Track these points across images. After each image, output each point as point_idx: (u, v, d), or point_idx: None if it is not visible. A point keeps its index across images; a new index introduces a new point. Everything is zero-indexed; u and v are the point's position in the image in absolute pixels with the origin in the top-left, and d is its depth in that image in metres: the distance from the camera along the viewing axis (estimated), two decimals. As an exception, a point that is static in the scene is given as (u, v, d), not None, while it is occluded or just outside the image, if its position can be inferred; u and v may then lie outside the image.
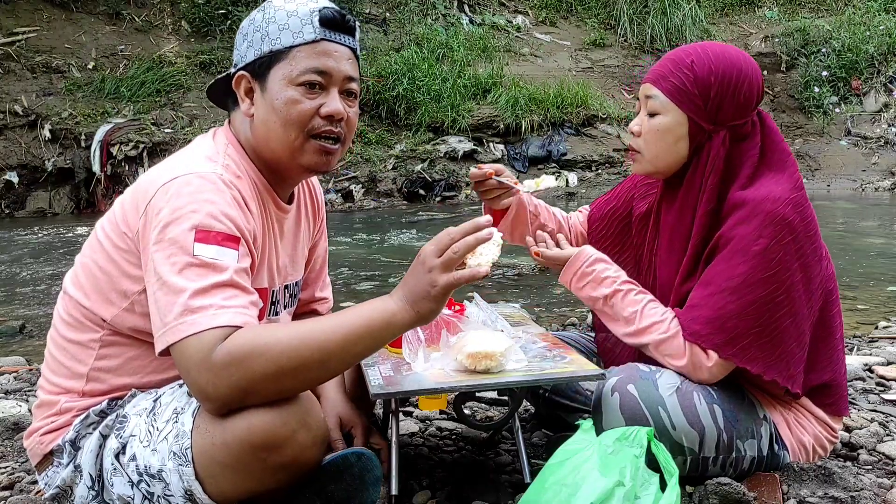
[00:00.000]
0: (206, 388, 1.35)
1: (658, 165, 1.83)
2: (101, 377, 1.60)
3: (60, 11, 10.68)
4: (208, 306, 1.36)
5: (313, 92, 1.57)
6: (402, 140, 10.19)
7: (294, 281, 1.83)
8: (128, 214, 1.54)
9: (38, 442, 1.63)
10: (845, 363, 1.89)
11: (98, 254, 1.58)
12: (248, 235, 1.51)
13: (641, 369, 1.74)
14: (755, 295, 1.67)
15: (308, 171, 1.66)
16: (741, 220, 1.70)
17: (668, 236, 1.86)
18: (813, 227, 1.74)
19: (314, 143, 1.59)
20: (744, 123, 1.78)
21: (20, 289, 5.46)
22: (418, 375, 1.65)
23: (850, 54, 11.77)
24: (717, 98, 1.75)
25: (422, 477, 1.92)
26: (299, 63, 1.56)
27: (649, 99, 1.81)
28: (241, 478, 1.40)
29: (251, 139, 1.63)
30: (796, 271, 1.69)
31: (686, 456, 1.69)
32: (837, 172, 10.96)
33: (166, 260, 1.40)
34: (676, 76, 1.77)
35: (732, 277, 1.68)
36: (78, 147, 9.22)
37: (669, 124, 1.78)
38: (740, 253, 1.69)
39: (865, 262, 5.98)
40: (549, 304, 4.59)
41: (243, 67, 1.60)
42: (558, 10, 13.25)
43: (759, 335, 1.69)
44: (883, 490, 1.76)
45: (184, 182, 1.47)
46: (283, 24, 1.57)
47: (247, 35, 1.61)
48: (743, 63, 1.78)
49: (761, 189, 1.72)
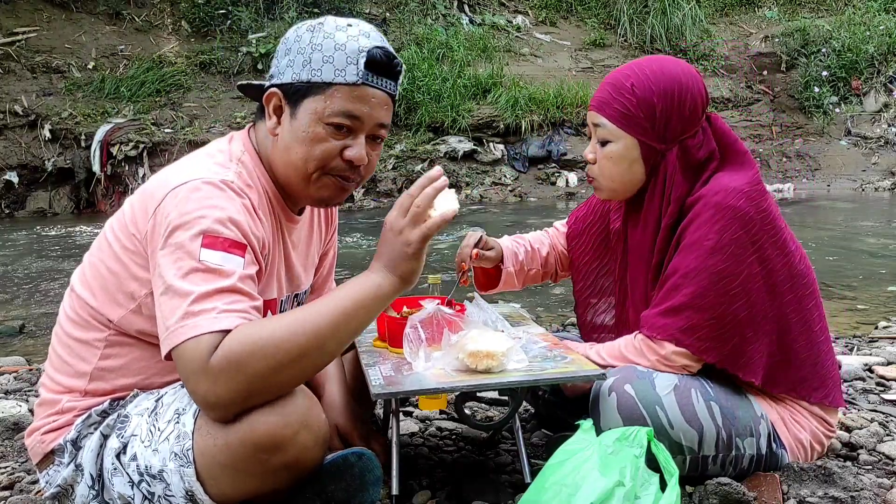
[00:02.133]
0: (207, 396, 1.34)
1: (617, 190, 1.87)
2: (104, 376, 1.59)
3: (60, 11, 10.68)
4: (210, 309, 1.35)
5: (341, 133, 1.55)
6: (402, 140, 10.19)
7: (304, 290, 1.83)
8: (137, 216, 1.53)
9: (40, 441, 1.62)
10: (833, 354, 1.90)
11: (106, 254, 1.58)
12: (256, 243, 1.50)
13: (639, 369, 1.75)
14: (708, 287, 1.71)
15: (318, 203, 1.66)
16: (695, 215, 1.74)
17: (635, 253, 1.89)
18: (771, 221, 1.75)
19: (330, 179, 1.59)
20: (694, 133, 1.80)
21: (20, 289, 5.46)
22: (419, 375, 1.65)
23: (850, 54, 11.77)
24: (664, 117, 1.77)
25: (422, 477, 1.92)
26: (335, 103, 1.53)
27: (597, 127, 1.83)
28: (243, 478, 1.41)
29: (270, 155, 1.62)
30: (752, 263, 1.72)
31: (685, 455, 1.70)
32: (837, 172, 10.96)
33: (172, 264, 1.40)
34: (619, 101, 1.78)
35: (687, 273, 1.72)
36: (78, 147, 9.23)
37: (621, 151, 1.80)
38: (695, 247, 1.72)
39: (865, 262, 5.99)
40: (549, 305, 4.60)
41: (278, 85, 1.58)
42: (558, 10, 13.25)
43: (713, 326, 1.72)
44: (883, 490, 1.76)
45: (193, 187, 1.46)
46: (328, 56, 1.53)
47: (289, 51, 1.57)
48: (682, 76, 1.79)
49: (714, 185, 1.76)
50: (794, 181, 10.68)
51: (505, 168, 10.37)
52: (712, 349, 1.73)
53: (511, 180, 10.23)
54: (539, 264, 2.18)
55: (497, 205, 9.60)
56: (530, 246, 2.18)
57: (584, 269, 2.11)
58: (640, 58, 1.93)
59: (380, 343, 1.87)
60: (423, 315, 1.74)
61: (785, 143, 11.42)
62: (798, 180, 10.79)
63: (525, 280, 2.18)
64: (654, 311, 1.77)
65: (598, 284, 2.08)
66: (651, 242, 1.83)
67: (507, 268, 2.11)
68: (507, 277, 2.12)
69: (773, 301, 1.76)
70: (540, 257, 2.18)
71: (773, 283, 1.75)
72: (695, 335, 1.72)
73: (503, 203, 9.73)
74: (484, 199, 9.82)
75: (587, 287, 2.10)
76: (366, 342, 1.91)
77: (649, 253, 1.84)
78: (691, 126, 1.79)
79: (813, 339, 1.83)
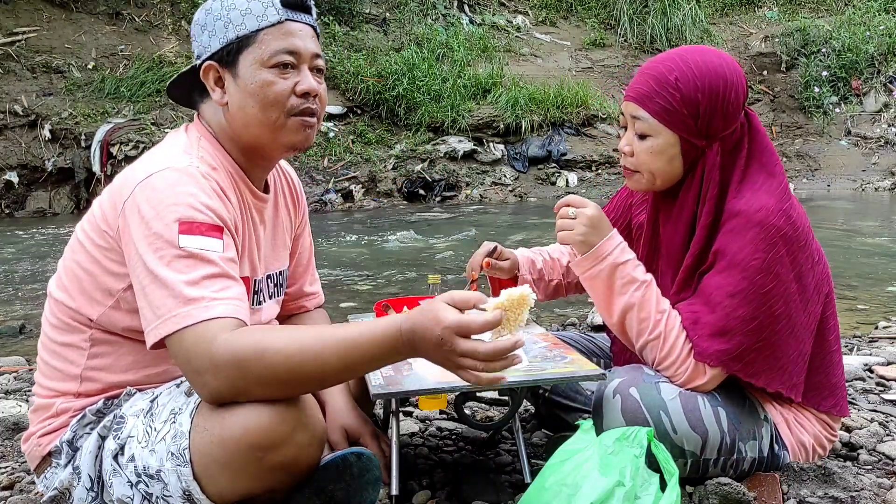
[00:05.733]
0: (206, 382, 1.35)
1: (656, 182, 1.81)
2: (95, 376, 1.60)
3: (60, 11, 10.68)
4: (200, 298, 1.37)
5: (286, 72, 1.59)
6: (402, 140, 10.19)
7: (278, 270, 1.82)
8: (106, 213, 1.54)
9: (36, 444, 1.62)
10: (842, 365, 1.89)
11: (80, 254, 1.58)
12: (231, 224, 1.52)
13: (645, 372, 1.74)
14: (757, 310, 1.67)
15: (290, 150, 1.66)
16: (736, 233, 1.69)
17: (666, 248, 1.85)
18: (804, 235, 1.73)
19: (295, 121, 1.61)
20: (733, 131, 1.77)
21: (20, 289, 5.46)
22: (419, 375, 1.65)
23: (850, 54, 11.78)
24: (707, 114, 1.73)
25: (422, 477, 1.92)
26: (269, 45, 1.57)
27: (636, 120, 1.77)
28: (240, 478, 1.40)
29: (227, 128, 1.64)
30: (792, 282, 1.70)
31: (687, 458, 1.69)
32: (837, 172, 10.97)
33: (153, 254, 1.41)
34: (662, 96, 1.73)
35: (734, 294, 1.67)
36: (78, 147, 9.23)
37: (662, 146, 1.75)
38: (739, 268, 1.68)
39: (865, 262, 5.98)
40: (549, 304, 4.59)
41: (209, 57, 1.62)
42: (558, 10, 13.26)
43: (761, 349, 1.69)
44: (883, 490, 1.76)
45: (161, 177, 1.47)
46: (244, 9, 1.58)
47: (206, 25, 1.62)
48: (726, 70, 1.75)
49: (753, 201, 1.71)
50: (794, 181, 10.67)
51: (505, 168, 10.38)
52: (762, 372, 1.70)
53: (511, 180, 10.24)
54: (559, 274, 2.14)
55: (497, 205, 9.60)
56: (549, 256, 2.15)
57: None
58: (680, 47, 1.87)
59: (379, 343, 1.87)
60: (423, 315, 1.74)
61: (785, 143, 11.43)
62: (798, 180, 10.79)
63: (547, 291, 2.14)
64: (701, 332, 1.69)
65: None
66: (682, 242, 1.80)
67: (523, 275, 2.07)
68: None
69: (809, 317, 1.74)
70: (560, 266, 2.15)
71: (807, 299, 1.73)
72: (744, 359, 1.68)
73: (503, 203, 9.73)
74: (484, 199, 9.82)
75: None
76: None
77: (679, 252, 1.80)
78: (732, 123, 1.76)
79: (827, 348, 1.82)
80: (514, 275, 2.08)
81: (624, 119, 1.82)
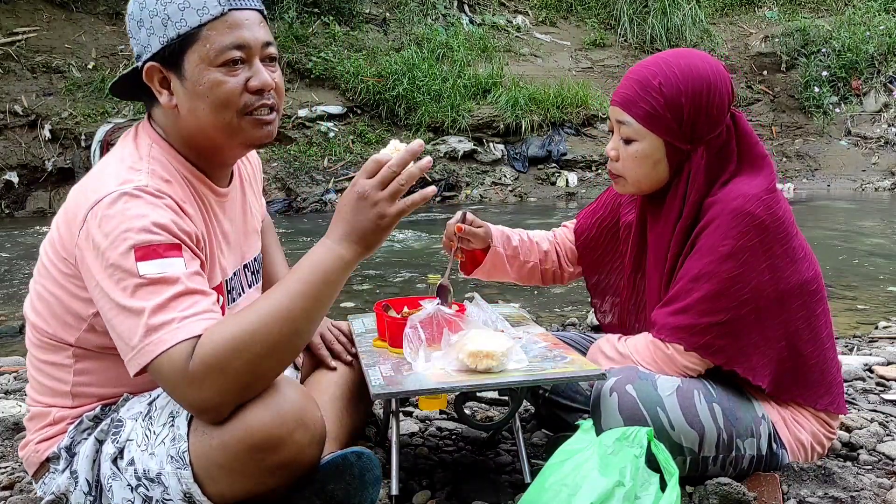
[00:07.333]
0: (196, 403, 1.35)
1: (642, 187, 1.85)
2: (85, 392, 1.59)
3: (60, 11, 10.68)
4: (170, 321, 1.34)
5: (236, 69, 1.49)
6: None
7: (253, 257, 1.80)
8: (64, 239, 1.50)
9: (34, 451, 1.62)
10: (838, 362, 1.90)
11: (46, 279, 1.56)
12: (190, 238, 1.46)
13: (641, 370, 1.75)
14: (718, 292, 1.70)
15: (250, 147, 1.60)
16: (711, 220, 1.73)
17: (653, 250, 1.88)
18: (784, 229, 1.74)
19: (250, 119, 1.53)
20: (718, 134, 1.78)
21: (20, 289, 5.45)
22: (419, 375, 1.65)
23: (850, 54, 11.76)
24: (691, 118, 1.74)
25: (422, 477, 1.92)
26: (214, 42, 1.47)
27: (621, 124, 1.79)
28: (240, 479, 1.40)
29: (181, 131, 1.56)
30: (764, 271, 1.72)
31: (686, 456, 1.70)
32: (837, 172, 10.95)
33: (115, 286, 1.37)
34: (646, 101, 1.74)
35: (698, 277, 1.71)
36: (78, 147, 9.22)
37: (646, 150, 1.78)
38: (709, 251, 1.71)
39: (865, 262, 5.98)
40: (549, 304, 4.59)
41: (151, 58, 1.50)
42: (558, 10, 13.24)
43: (721, 331, 1.71)
44: (883, 490, 1.76)
45: (109, 202, 1.41)
46: (182, 2, 1.46)
47: (142, 21, 1.49)
48: (710, 74, 1.75)
49: (733, 189, 1.74)
50: (794, 181, 10.67)
51: (505, 168, 10.37)
52: (719, 351, 1.72)
53: (511, 180, 10.23)
54: (537, 258, 2.14)
55: (497, 205, 9.60)
56: (527, 237, 2.15)
57: (595, 262, 2.10)
58: (667, 51, 1.89)
59: (380, 343, 1.87)
60: (423, 315, 1.74)
61: (785, 143, 11.42)
62: (798, 180, 10.78)
63: (521, 272, 2.13)
64: (664, 310, 1.77)
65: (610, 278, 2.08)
66: (668, 242, 1.82)
67: (496, 247, 2.05)
68: (496, 259, 2.06)
69: (782, 308, 1.75)
70: (539, 251, 2.14)
71: (782, 291, 1.74)
72: (704, 337, 1.71)
73: (503, 203, 9.72)
74: (484, 199, 9.81)
75: (601, 280, 2.11)
76: (366, 342, 1.91)
77: (665, 251, 1.83)
78: (717, 126, 1.77)
79: (820, 345, 1.82)
80: (486, 245, 2.06)
81: (611, 124, 1.84)
